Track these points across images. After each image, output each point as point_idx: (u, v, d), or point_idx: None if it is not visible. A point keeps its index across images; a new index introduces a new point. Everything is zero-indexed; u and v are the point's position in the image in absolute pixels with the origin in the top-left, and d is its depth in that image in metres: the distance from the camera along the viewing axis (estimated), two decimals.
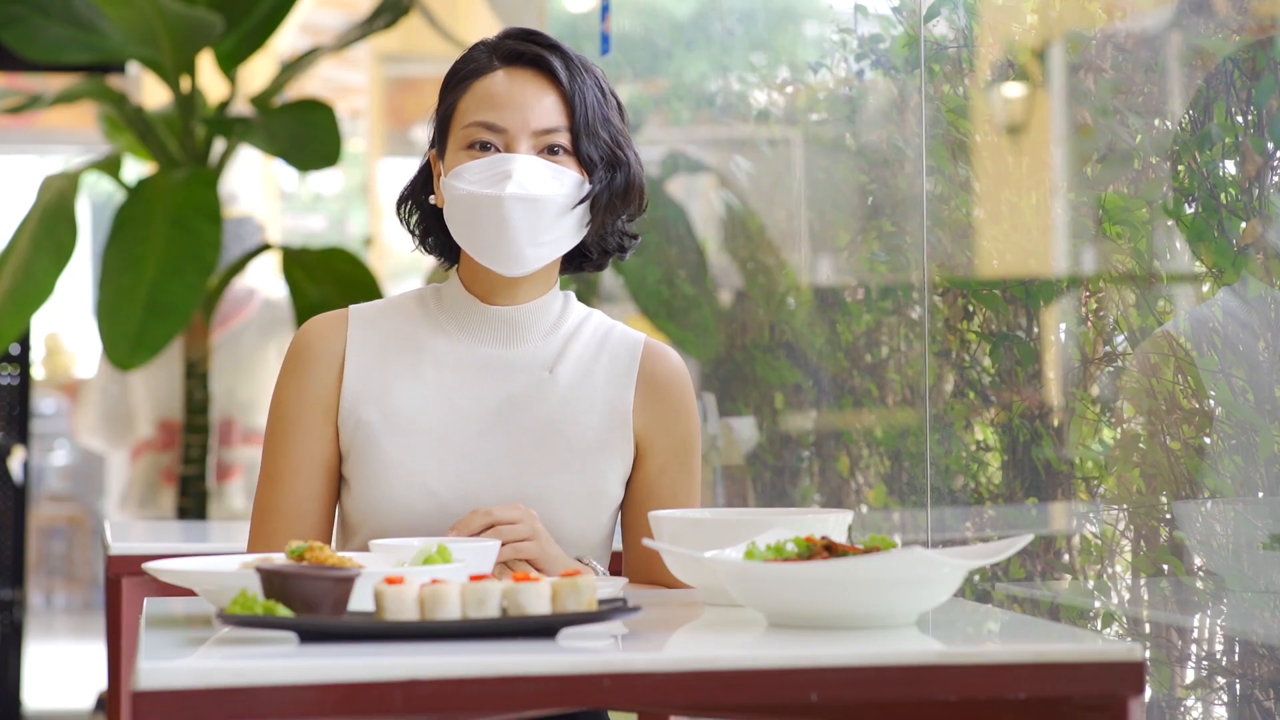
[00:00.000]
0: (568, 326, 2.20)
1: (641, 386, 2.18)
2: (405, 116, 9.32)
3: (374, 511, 2.12)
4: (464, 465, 2.12)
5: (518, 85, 2.12)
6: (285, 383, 2.17)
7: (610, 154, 2.13)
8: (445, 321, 2.18)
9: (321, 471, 2.15)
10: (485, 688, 1.47)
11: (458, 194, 2.10)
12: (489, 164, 2.09)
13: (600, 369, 2.18)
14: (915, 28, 2.98)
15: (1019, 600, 2.73)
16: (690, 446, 2.19)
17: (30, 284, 4.67)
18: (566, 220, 2.11)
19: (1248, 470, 2.30)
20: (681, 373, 2.21)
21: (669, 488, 2.18)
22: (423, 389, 2.15)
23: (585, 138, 2.11)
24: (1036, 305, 2.75)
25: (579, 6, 4.79)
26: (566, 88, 2.11)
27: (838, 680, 1.52)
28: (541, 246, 2.10)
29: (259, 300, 5.58)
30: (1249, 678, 2.32)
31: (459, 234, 2.13)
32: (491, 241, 2.09)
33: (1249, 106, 2.28)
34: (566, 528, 2.12)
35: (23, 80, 7.97)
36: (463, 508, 2.10)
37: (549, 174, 2.09)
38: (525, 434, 2.14)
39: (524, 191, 2.07)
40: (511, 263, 2.11)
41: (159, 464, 5.47)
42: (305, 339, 2.18)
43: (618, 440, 2.16)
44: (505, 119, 2.10)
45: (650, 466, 2.18)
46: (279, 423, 2.16)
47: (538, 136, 2.11)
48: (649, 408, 2.18)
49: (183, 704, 1.44)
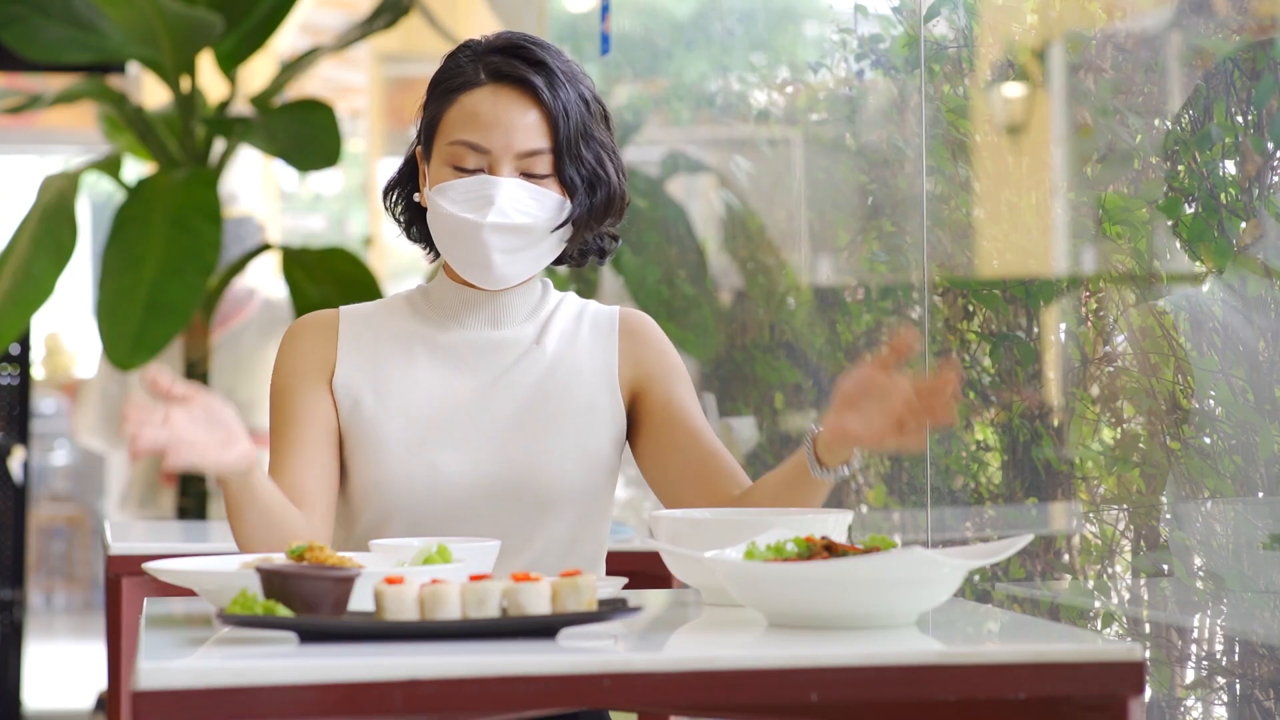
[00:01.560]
0: (548, 308, 2.26)
1: (623, 343, 2.25)
2: (405, 116, 9.32)
3: (376, 488, 2.15)
4: (460, 434, 2.17)
5: (503, 105, 2.15)
6: (281, 360, 2.22)
7: (592, 173, 2.17)
8: (433, 313, 2.24)
9: (324, 430, 2.18)
10: (485, 688, 1.48)
11: (441, 211, 2.15)
12: (471, 185, 2.14)
13: (583, 337, 2.25)
14: (915, 28, 2.98)
15: (1019, 600, 2.73)
16: (682, 370, 2.26)
17: (30, 284, 4.67)
18: (547, 241, 2.17)
19: (1248, 470, 2.30)
20: (654, 322, 2.29)
21: (681, 402, 2.23)
22: (415, 371, 2.20)
23: (568, 159, 2.15)
24: (1036, 305, 2.75)
25: (579, 6, 4.79)
26: (550, 107, 2.14)
27: (838, 680, 1.52)
28: (520, 265, 2.17)
29: (259, 300, 5.58)
30: (1249, 678, 2.32)
31: (442, 246, 2.19)
32: (472, 261, 2.16)
33: (1249, 106, 2.28)
34: (563, 486, 2.17)
35: (23, 80, 7.97)
36: (463, 475, 2.15)
37: (530, 198, 2.14)
38: (518, 401, 2.19)
39: (505, 220, 2.13)
40: (490, 280, 2.17)
41: (159, 464, 5.47)
42: (299, 325, 2.24)
43: (608, 401, 2.22)
44: (489, 140, 2.14)
45: (658, 393, 2.24)
46: (280, 392, 2.20)
47: (520, 159, 2.15)
48: (634, 356, 2.25)
49: (183, 704, 1.44)
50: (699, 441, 2.22)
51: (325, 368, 2.21)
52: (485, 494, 2.15)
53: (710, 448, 2.22)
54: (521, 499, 2.16)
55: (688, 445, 2.22)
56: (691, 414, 2.24)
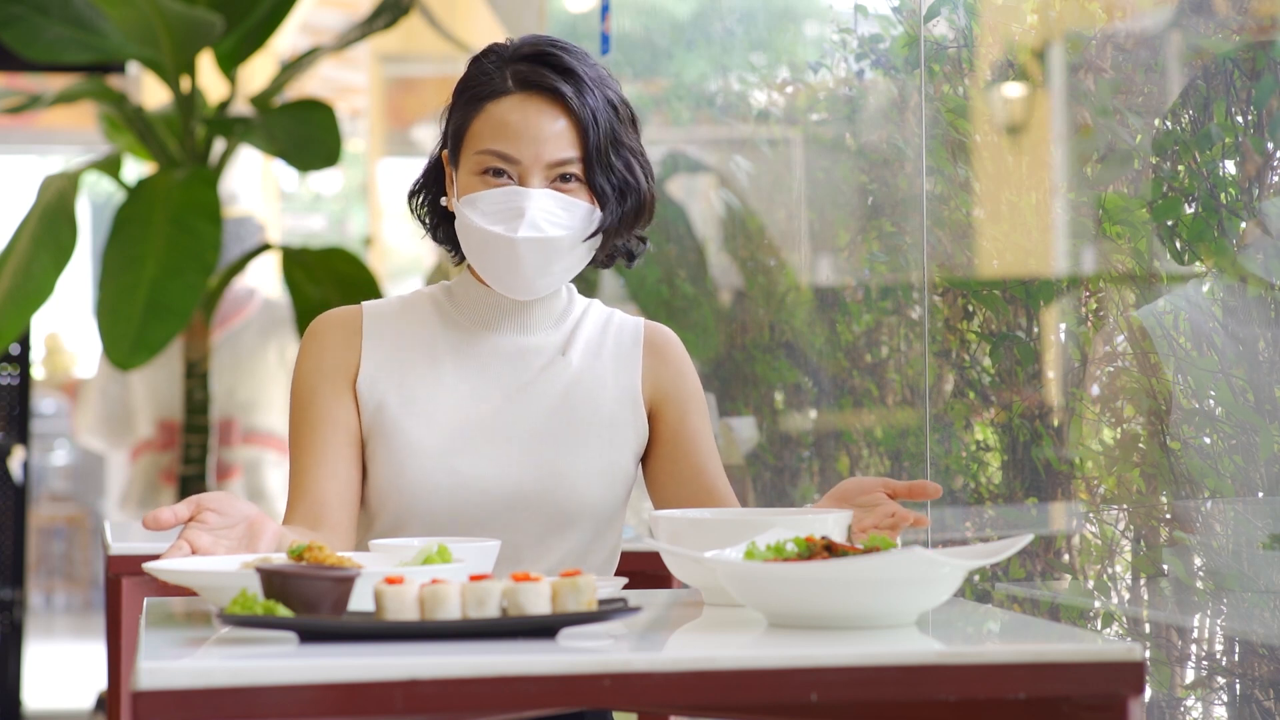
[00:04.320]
0: (574, 315, 2.25)
1: (647, 359, 2.25)
2: (405, 116, 9.32)
3: (395, 492, 2.15)
4: (484, 442, 2.16)
5: (532, 114, 2.13)
6: (303, 361, 2.21)
7: (622, 180, 2.15)
8: (458, 315, 2.23)
9: (346, 436, 2.18)
10: (485, 688, 1.47)
11: (470, 223, 2.14)
12: (502, 196, 2.12)
13: (607, 350, 2.24)
14: (915, 28, 2.98)
15: (1019, 600, 2.73)
16: (699, 395, 2.27)
17: (30, 284, 4.67)
18: (578, 250, 2.16)
19: (1248, 470, 2.30)
20: (678, 340, 2.31)
21: (692, 431, 2.25)
22: (440, 375, 2.19)
23: (598, 168, 2.14)
24: (1036, 305, 2.75)
25: (579, 6, 4.79)
26: (579, 115, 2.13)
27: (838, 680, 1.52)
28: (552, 276, 2.16)
29: (259, 300, 5.58)
30: (1249, 678, 2.32)
31: (472, 257, 2.18)
32: (503, 272, 2.15)
33: (1249, 106, 2.28)
34: (584, 500, 2.17)
35: (23, 80, 7.97)
36: (485, 483, 2.14)
37: (561, 209, 2.12)
38: (542, 412, 2.19)
39: (537, 234, 2.11)
40: (521, 291, 2.16)
41: (159, 464, 5.47)
42: (322, 323, 2.23)
43: (630, 416, 2.22)
44: (519, 150, 2.12)
45: (671, 418, 2.24)
46: (301, 395, 2.20)
47: (550, 168, 2.13)
48: (656, 373, 2.25)
49: (183, 704, 1.43)
50: (701, 476, 2.22)
51: (348, 370, 2.19)
52: (505, 504, 2.15)
53: (710, 485, 2.22)
54: (541, 511, 2.16)
55: (691, 479, 2.23)
56: (699, 446, 2.24)
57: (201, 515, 1.90)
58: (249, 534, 1.93)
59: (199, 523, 1.90)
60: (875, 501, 2.00)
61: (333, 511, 2.14)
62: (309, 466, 2.16)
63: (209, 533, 1.90)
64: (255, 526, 1.93)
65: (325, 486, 2.15)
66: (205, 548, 1.88)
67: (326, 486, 2.15)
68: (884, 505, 2.00)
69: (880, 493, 2.01)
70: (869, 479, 2.04)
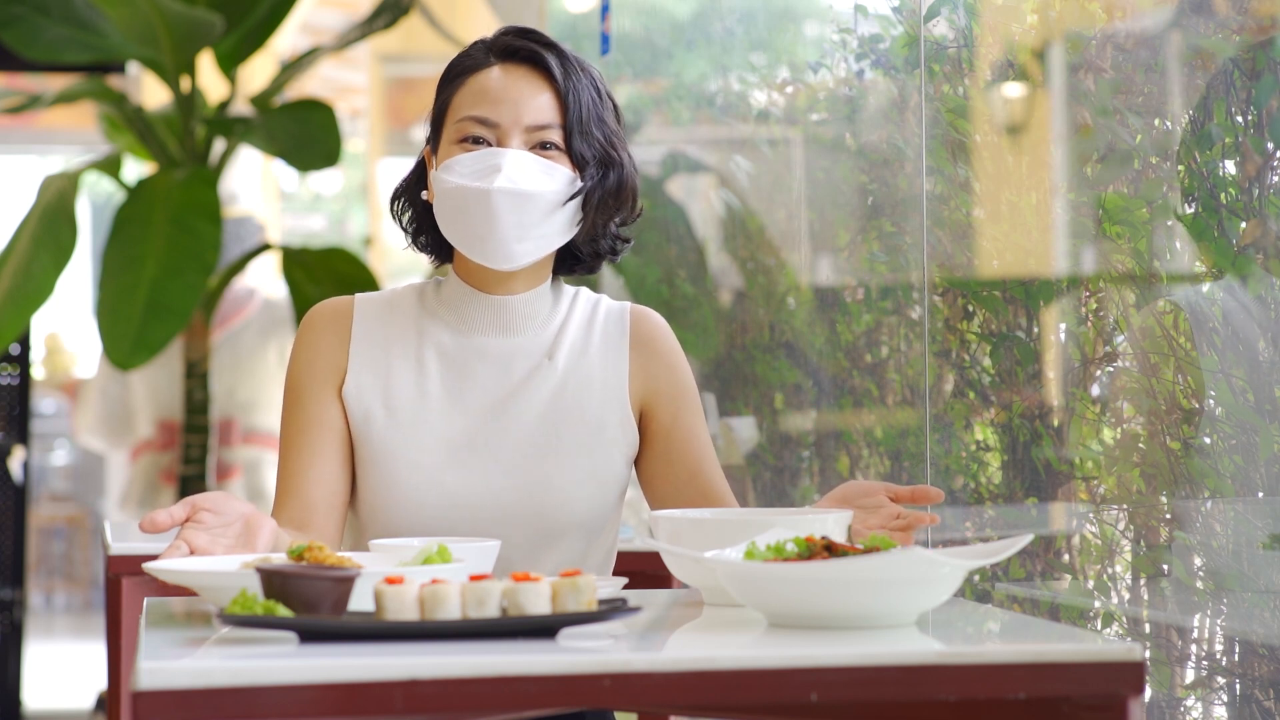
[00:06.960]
0: (561, 312, 2.22)
1: (634, 351, 2.22)
2: (405, 116, 9.32)
3: (384, 510, 2.15)
4: (471, 456, 2.15)
5: (512, 81, 2.13)
6: (296, 356, 2.21)
7: (603, 153, 2.13)
8: (444, 313, 2.20)
9: (335, 438, 2.17)
10: (485, 688, 1.47)
11: (446, 186, 2.11)
12: (479, 157, 2.10)
13: (594, 345, 2.21)
14: (915, 28, 2.98)
15: (1019, 600, 2.73)
16: (691, 388, 2.25)
17: (30, 284, 4.67)
18: (556, 217, 2.12)
19: (1248, 470, 2.30)
20: (666, 327, 2.27)
21: (686, 429, 2.22)
22: (425, 381, 2.18)
23: (578, 135, 2.12)
24: (1036, 305, 2.75)
25: (579, 6, 4.79)
26: (561, 85, 2.12)
27: (838, 680, 1.52)
28: (529, 241, 2.11)
29: (259, 300, 5.58)
30: (1249, 678, 2.32)
31: (447, 228, 2.14)
32: (479, 235, 2.10)
33: (1249, 106, 2.28)
34: (574, 511, 2.15)
35: (23, 80, 7.97)
36: (473, 499, 2.13)
37: (539, 169, 2.10)
38: (529, 421, 2.16)
39: (513, 185, 2.08)
40: (498, 257, 2.11)
41: (159, 464, 5.47)
42: (314, 317, 2.22)
43: (619, 419, 2.19)
44: (498, 113, 2.11)
45: (664, 417, 2.22)
46: (292, 393, 2.20)
47: (530, 132, 2.11)
48: (645, 367, 2.22)
49: (183, 704, 1.43)
50: (698, 478, 2.21)
51: (336, 372, 2.18)
52: (494, 519, 2.14)
53: (707, 485, 2.20)
54: (530, 525, 2.15)
55: (687, 480, 2.21)
56: (693, 445, 2.22)
57: (198, 515, 1.90)
58: (245, 532, 1.93)
59: (195, 523, 1.90)
60: (877, 504, 1.99)
61: (319, 516, 2.14)
62: (298, 469, 2.16)
63: (206, 532, 1.90)
64: (252, 525, 1.93)
65: (312, 491, 2.15)
66: (203, 547, 1.88)
67: (314, 491, 2.15)
68: (887, 507, 1.99)
69: (882, 495, 2.01)
70: (870, 482, 2.03)
